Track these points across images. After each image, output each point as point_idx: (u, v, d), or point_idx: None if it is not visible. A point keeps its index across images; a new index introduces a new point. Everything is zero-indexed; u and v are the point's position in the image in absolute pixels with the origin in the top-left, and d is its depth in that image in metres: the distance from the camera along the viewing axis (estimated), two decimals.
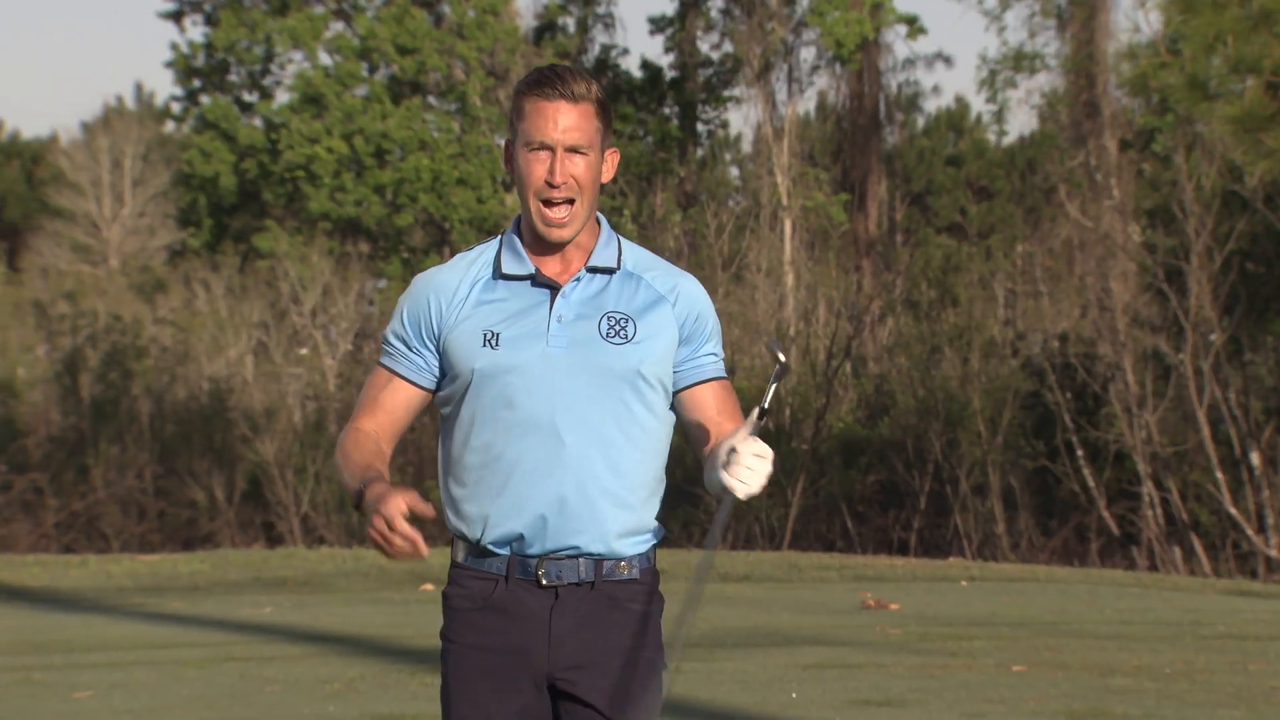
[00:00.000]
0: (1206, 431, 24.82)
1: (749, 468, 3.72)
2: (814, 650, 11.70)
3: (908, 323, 29.30)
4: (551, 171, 3.80)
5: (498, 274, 3.89)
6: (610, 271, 3.90)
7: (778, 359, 3.77)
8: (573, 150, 3.81)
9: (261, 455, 28.54)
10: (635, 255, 3.95)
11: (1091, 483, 25.83)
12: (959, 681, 10.25)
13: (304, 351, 31.10)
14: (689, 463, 27.49)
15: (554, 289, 3.86)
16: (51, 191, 46.29)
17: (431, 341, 3.90)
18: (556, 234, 3.83)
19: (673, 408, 3.94)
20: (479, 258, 3.94)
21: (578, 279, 3.87)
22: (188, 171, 35.94)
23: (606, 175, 3.89)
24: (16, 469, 30.63)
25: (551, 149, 3.81)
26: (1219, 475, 24.70)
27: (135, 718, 9.45)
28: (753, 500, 3.74)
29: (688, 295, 3.93)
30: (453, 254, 33.69)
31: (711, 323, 3.96)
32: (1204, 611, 14.76)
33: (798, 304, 30.75)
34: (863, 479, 27.41)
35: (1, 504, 30.17)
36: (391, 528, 3.62)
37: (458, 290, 3.90)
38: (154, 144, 45.91)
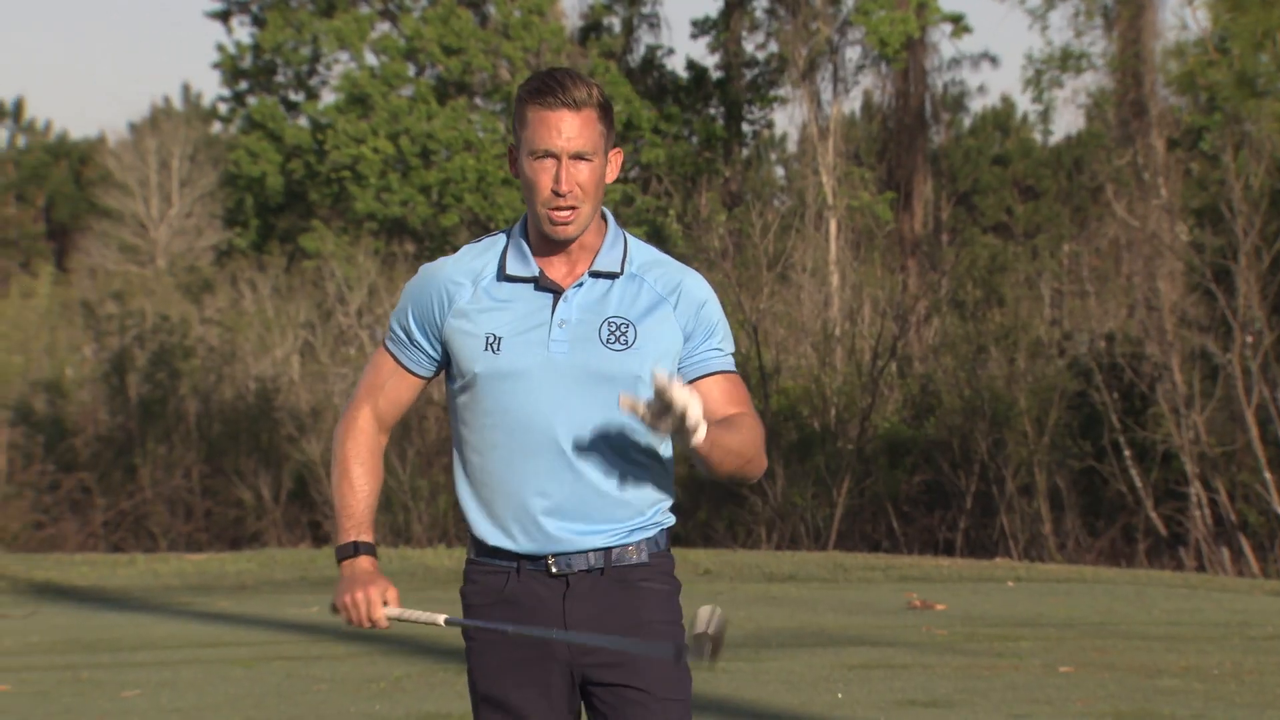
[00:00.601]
0: (1255, 432, 24.69)
1: (670, 421, 3.69)
2: (860, 650, 11.69)
3: (953, 322, 29.21)
4: (557, 180, 3.84)
5: (502, 275, 3.93)
6: (614, 275, 3.93)
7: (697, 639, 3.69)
8: (577, 157, 3.85)
9: (308, 455, 28.62)
10: (641, 256, 3.98)
11: (1139, 483, 25.72)
12: (1005, 682, 10.22)
13: (350, 351, 31.18)
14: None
15: (557, 293, 3.89)
16: (99, 192, 46.59)
17: (434, 335, 3.96)
18: (562, 231, 3.87)
19: None
20: (485, 253, 3.98)
21: (580, 283, 3.91)
22: (234, 172, 36.07)
23: (611, 176, 3.93)
24: (65, 468, 30.79)
25: (556, 157, 3.84)
26: (1267, 475, 24.57)
27: (183, 716, 9.49)
28: (799, 499, 3.78)
29: (688, 294, 3.95)
30: None
31: (715, 318, 3.98)
32: (1252, 612, 14.69)
33: (843, 304, 30.70)
34: (908, 479, 27.35)
35: (50, 503, 30.33)
36: (371, 612, 3.87)
37: (461, 287, 3.95)
38: (201, 144, 46.17)
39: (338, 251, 32.21)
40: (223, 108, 39.54)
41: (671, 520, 4.01)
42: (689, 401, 3.67)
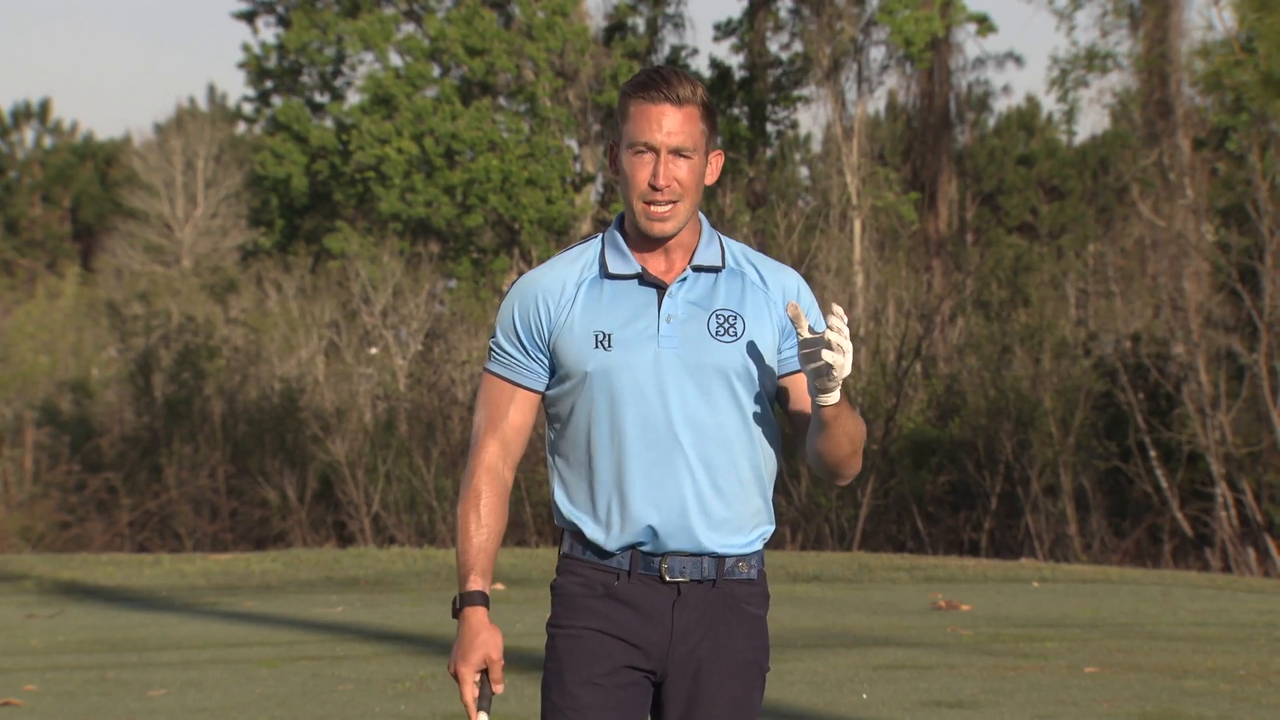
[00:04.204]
0: None
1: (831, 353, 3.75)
2: (885, 651, 11.68)
3: (978, 323, 29.17)
4: (655, 174, 3.83)
5: (604, 273, 3.91)
6: (716, 269, 3.93)
7: None
8: (676, 153, 3.84)
9: (333, 455, 28.66)
10: (737, 252, 3.99)
11: (1164, 484, 25.67)
12: (1031, 683, 10.21)
13: (374, 351, 31.22)
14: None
15: (661, 288, 3.88)
16: (125, 192, 46.71)
17: (542, 343, 3.92)
18: (659, 228, 3.85)
19: (778, 398, 3.97)
20: (581, 257, 3.96)
21: (684, 278, 3.90)
22: (260, 172, 36.14)
23: (710, 178, 3.92)
24: (91, 468, 30.87)
25: (655, 151, 3.83)
26: None
27: (209, 716, 9.51)
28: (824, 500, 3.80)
29: (786, 288, 3.96)
30: (522, 254, 33.77)
31: (812, 312, 3.97)
32: (1279, 613, 14.64)
33: (868, 304, 30.66)
34: (933, 479, 27.31)
35: (76, 503, 30.42)
36: (461, 688, 3.84)
37: (564, 290, 3.92)
38: (226, 145, 46.27)
39: (362, 252, 32.25)
40: (248, 108, 39.63)
41: (772, 529, 4.00)
42: (842, 342, 3.72)
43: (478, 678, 3.83)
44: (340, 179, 34.83)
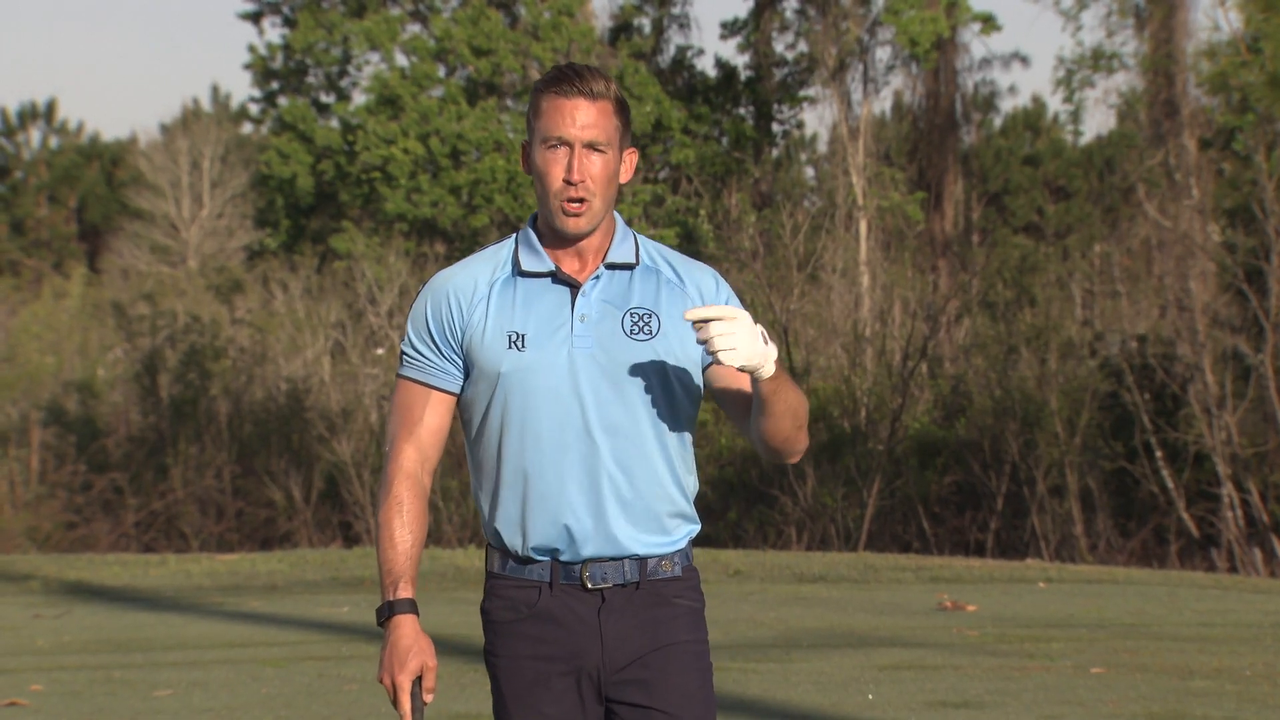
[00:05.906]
0: None
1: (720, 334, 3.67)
2: (890, 651, 11.68)
3: (984, 323, 29.16)
4: (569, 169, 3.76)
5: (517, 271, 3.84)
6: (629, 267, 3.86)
7: None
8: (590, 147, 3.78)
9: (338, 455, 28.68)
10: (653, 250, 3.93)
11: (1170, 484, 25.65)
12: (1036, 683, 10.20)
13: (380, 352, 31.22)
14: (764, 463, 27.45)
15: (574, 287, 3.82)
16: (131, 193, 46.74)
17: (455, 343, 3.85)
18: (573, 224, 3.79)
19: (706, 386, 3.90)
20: (494, 256, 3.89)
21: (597, 276, 3.83)
22: (265, 173, 36.15)
23: (625, 176, 3.85)
24: (96, 469, 30.89)
25: (569, 145, 3.77)
26: None
27: (215, 716, 9.52)
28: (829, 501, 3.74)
29: (706, 285, 3.90)
30: None
31: (731, 302, 3.89)
32: None
33: (873, 304, 30.65)
34: (939, 480, 27.30)
35: (82, 503, 30.43)
36: (396, 697, 3.80)
37: (476, 289, 3.85)
38: (232, 145, 46.29)
39: (368, 252, 32.26)
40: (254, 109, 39.66)
41: (697, 529, 3.93)
42: (738, 312, 3.65)
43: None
44: (346, 179, 34.84)
